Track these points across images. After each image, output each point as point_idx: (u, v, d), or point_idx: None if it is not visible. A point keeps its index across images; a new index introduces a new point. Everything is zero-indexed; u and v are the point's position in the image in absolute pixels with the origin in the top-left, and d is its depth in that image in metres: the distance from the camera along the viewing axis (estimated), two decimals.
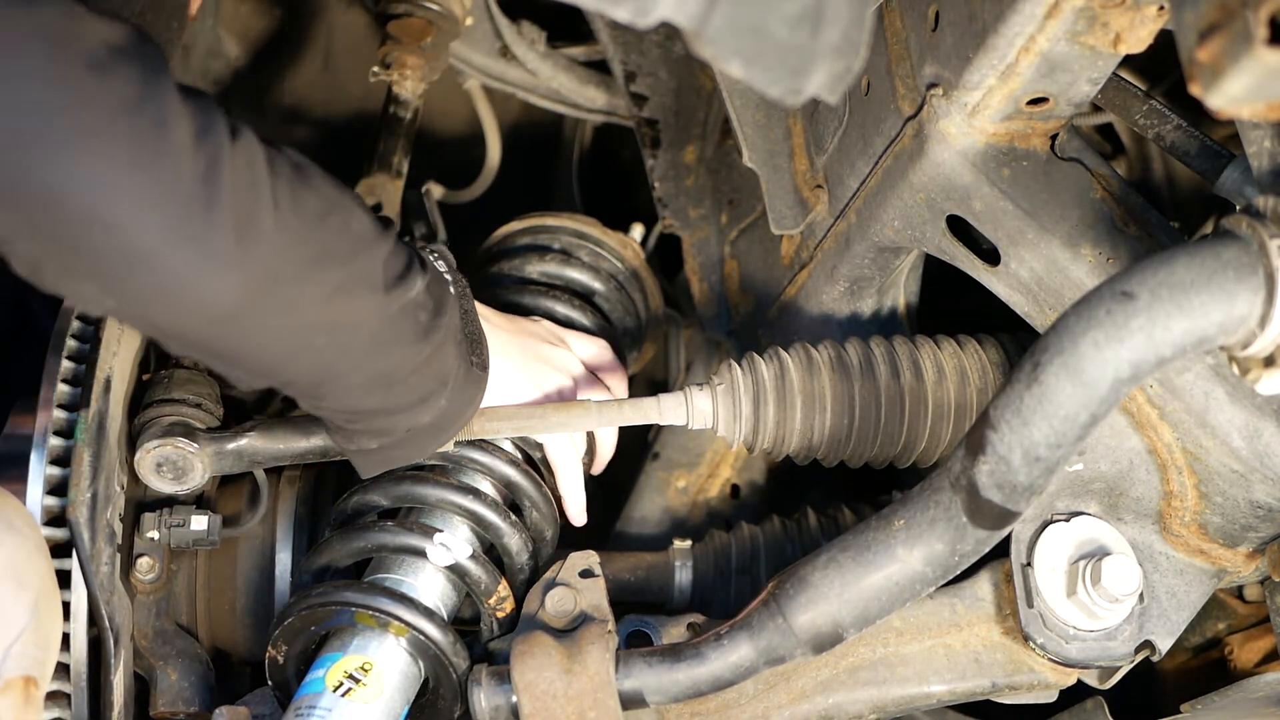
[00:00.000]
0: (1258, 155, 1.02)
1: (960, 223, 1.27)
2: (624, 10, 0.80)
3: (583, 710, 1.18)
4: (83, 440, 1.27)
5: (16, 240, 0.92)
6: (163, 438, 1.30)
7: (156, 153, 0.90)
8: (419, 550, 1.29)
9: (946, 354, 1.36)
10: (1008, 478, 1.02)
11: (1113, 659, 1.23)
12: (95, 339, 1.32)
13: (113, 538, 1.28)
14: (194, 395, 1.34)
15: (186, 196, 0.91)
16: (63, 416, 1.29)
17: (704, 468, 1.72)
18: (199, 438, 1.30)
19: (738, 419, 1.32)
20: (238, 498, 1.43)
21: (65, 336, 1.33)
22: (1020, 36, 1.09)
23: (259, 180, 0.97)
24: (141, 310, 0.99)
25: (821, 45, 0.84)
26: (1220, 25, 0.76)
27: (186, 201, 0.91)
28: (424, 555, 1.29)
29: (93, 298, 0.97)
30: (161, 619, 1.38)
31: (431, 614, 1.25)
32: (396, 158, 1.71)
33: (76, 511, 1.25)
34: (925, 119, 1.23)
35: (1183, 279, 0.92)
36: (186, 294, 0.95)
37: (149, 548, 1.35)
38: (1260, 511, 1.19)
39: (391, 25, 1.70)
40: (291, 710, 1.22)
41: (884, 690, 1.27)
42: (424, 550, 1.29)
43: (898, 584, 1.13)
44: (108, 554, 1.27)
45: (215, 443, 1.30)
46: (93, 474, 1.27)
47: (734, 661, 1.18)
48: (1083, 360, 0.94)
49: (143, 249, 0.92)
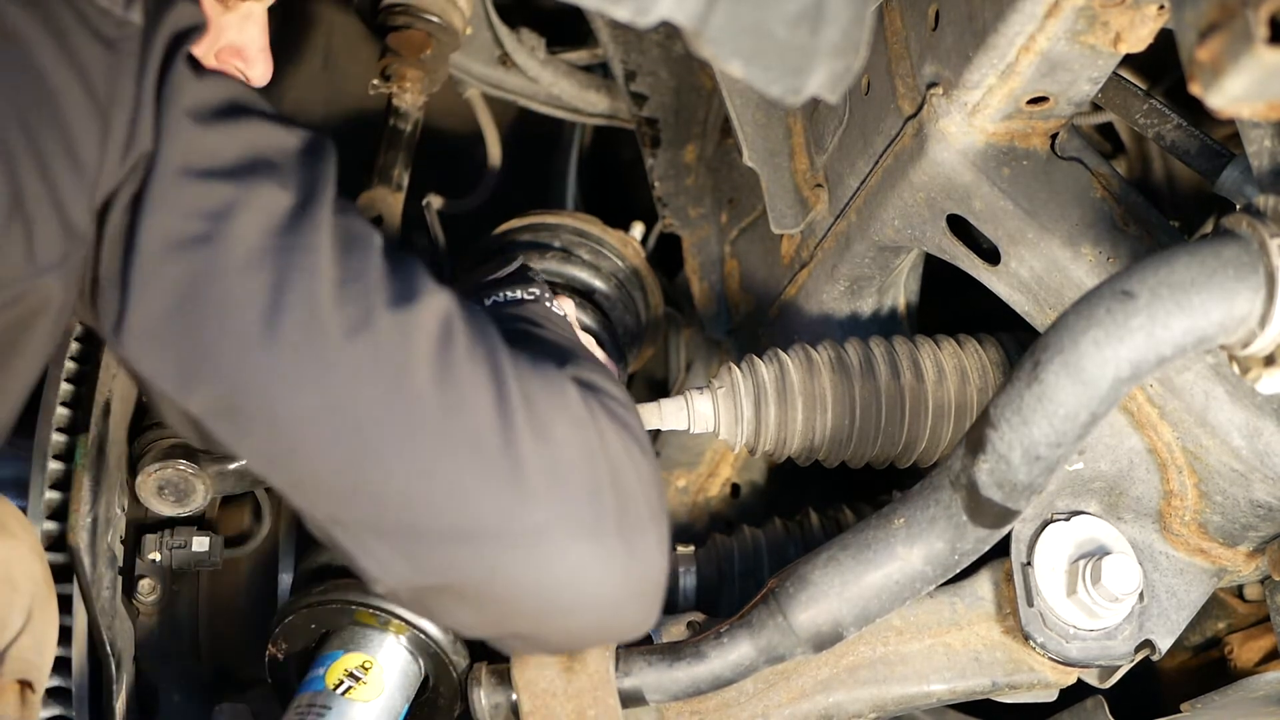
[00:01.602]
0: (1258, 154, 1.02)
1: (960, 222, 1.27)
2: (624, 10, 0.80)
3: (582, 708, 1.18)
4: (82, 464, 1.26)
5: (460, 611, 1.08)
6: (164, 460, 1.29)
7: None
8: None
9: (946, 354, 1.36)
10: (1008, 476, 1.02)
11: (1113, 658, 1.23)
12: (94, 361, 1.31)
13: (113, 561, 1.28)
14: None
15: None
16: (62, 440, 1.28)
17: (704, 467, 1.72)
18: (200, 459, 1.29)
19: (739, 422, 1.32)
20: (239, 517, 1.43)
21: (64, 359, 1.31)
22: (1020, 36, 1.09)
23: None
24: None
25: (821, 44, 0.84)
26: (1220, 25, 0.76)
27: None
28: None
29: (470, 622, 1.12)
30: (163, 640, 1.37)
31: None
32: (397, 170, 1.71)
33: (76, 537, 1.24)
34: (925, 118, 1.23)
35: (1183, 278, 0.92)
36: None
37: (150, 570, 1.35)
38: (1260, 510, 1.19)
39: (391, 38, 1.70)
40: (292, 708, 1.22)
41: (884, 689, 1.27)
42: None
43: (898, 582, 1.13)
44: (109, 578, 1.26)
45: (216, 464, 1.30)
46: (93, 498, 1.26)
47: (734, 660, 1.18)
48: (1083, 359, 0.95)
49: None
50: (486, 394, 1.01)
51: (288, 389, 0.97)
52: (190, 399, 0.98)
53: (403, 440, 0.99)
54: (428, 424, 0.98)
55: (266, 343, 0.96)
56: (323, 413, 0.98)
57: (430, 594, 1.06)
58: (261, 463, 1.02)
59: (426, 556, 1.02)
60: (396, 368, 0.98)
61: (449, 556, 1.02)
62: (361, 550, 1.03)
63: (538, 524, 1.01)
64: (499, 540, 1.01)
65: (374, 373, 0.98)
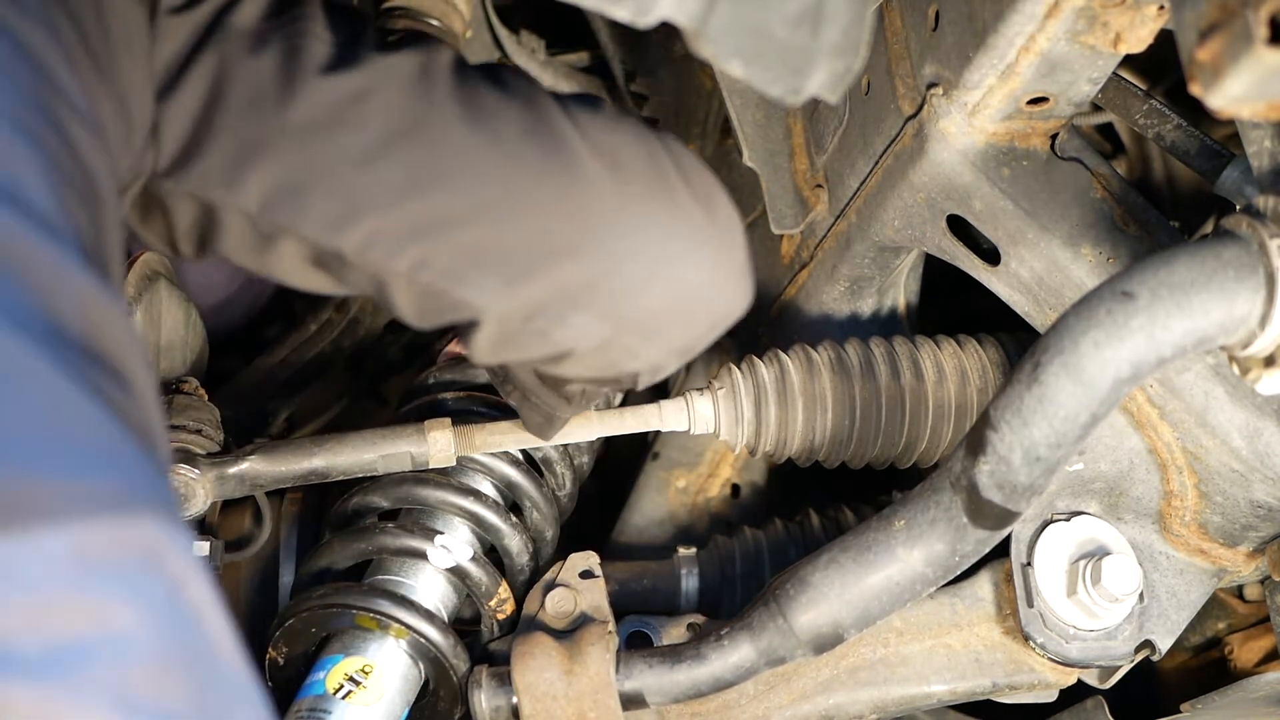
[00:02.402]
0: (1258, 155, 1.01)
1: (960, 222, 1.27)
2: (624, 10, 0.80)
3: (583, 711, 1.18)
4: None
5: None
6: None
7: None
8: (419, 552, 1.29)
9: (946, 354, 1.35)
10: (1008, 478, 1.02)
11: (1113, 658, 1.23)
12: None
13: None
14: (194, 421, 1.32)
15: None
16: None
17: (704, 467, 1.72)
18: (200, 463, 1.29)
19: (739, 422, 1.32)
20: (240, 521, 1.43)
21: None
22: (1020, 36, 1.09)
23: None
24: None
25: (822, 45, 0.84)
26: (1220, 25, 0.76)
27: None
28: (424, 557, 1.29)
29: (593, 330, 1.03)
30: None
31: (432, 616, 1.25)
32: None
33: None
34: (925, 118, 1.23)
35: (1183, 279, 0.91)
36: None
37: None
38: (1260, 511, 1.19)
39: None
40: (292, 712, 1.22)
41: (884, 690, 1.27)
42: (424, 552, 1.28)
43: (898, 584, 1.13)
44: None
45: (217, 467, 1.29)
46: None
47: (734, 662, 1.18)
48: (1083, 360, 0.94)
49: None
50: (519, 107, 1.01)
51: (331, 142, 0.97)
52: (244, 192, 0.98)
53: (468, 163, 0.98)
54: (487, 146, 0.98)
55: (287, 103, 0.97)
56: (373, 148, 0.97)
57: (538, 310, 1.01)
58: (328, 233, 0.99)
59: (528, 270, 0.99)
60: (423, 89, 0.99)
61: (554, 261, 0.99)
62: (459, 281, 0.99)
63: (617, 207, 0.99)
64: (592, 234, 0.99)
65: (403, 89, 0.99)
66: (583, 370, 1.07)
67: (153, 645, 0.63)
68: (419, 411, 1.35)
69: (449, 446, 1.26)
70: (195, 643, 0.66)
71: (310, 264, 1.03)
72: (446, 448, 1.26)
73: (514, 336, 1.02)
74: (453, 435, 1.26)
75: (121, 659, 0.62)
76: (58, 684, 0.59)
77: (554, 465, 1.39)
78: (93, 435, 0.67)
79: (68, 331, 0.71)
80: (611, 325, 1.01)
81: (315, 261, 1.02)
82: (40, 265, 0.72)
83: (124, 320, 0.78)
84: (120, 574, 0.63)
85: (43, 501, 0.62)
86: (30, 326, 0.68)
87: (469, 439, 1.27)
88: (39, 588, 0.60)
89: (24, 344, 0.67)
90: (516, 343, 1.03)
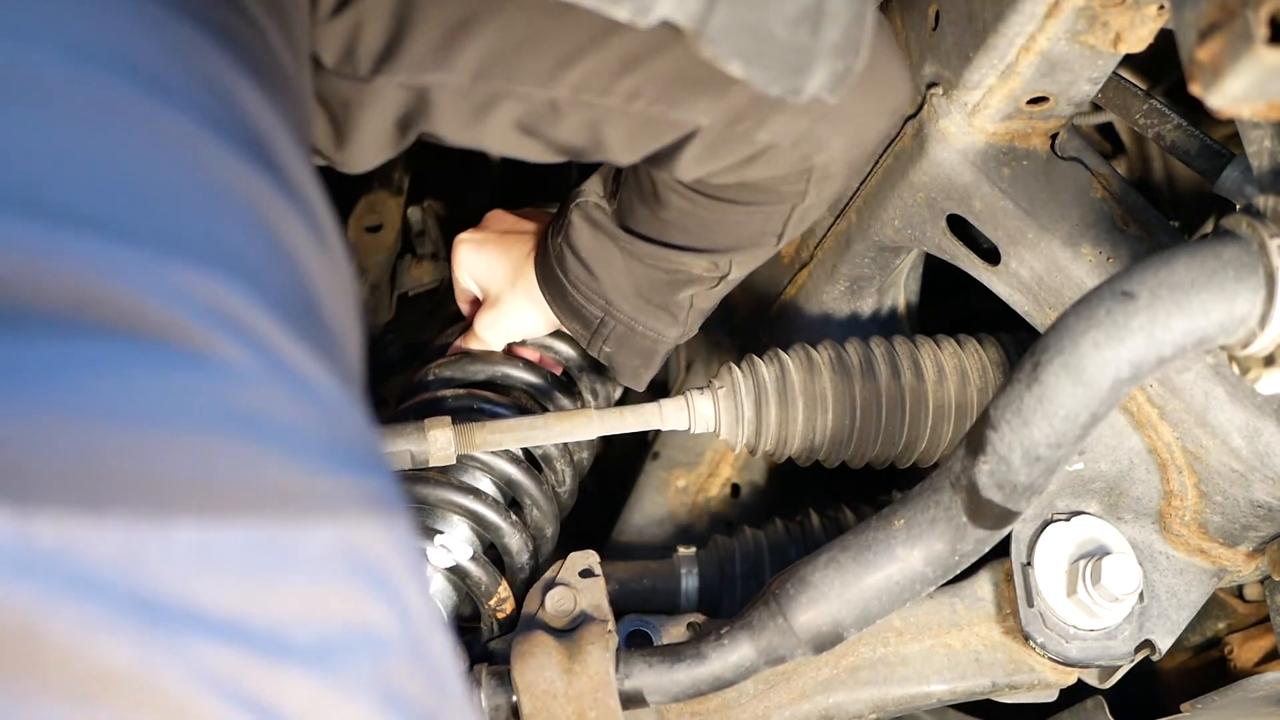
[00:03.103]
0: (1258, 155, 1.01)
1: (960, 222, 1.27)
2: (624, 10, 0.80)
3: (583, 710, 1.18)
4: None
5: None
6: None
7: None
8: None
9: (946, 354, 1.35)
10: (1008, 477, 1.02)
11: (1113, 658, 1.23)
12: None
13: None
14: None
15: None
16: None
17: (704, 467, 1.72)
18: None
19: (740, 422, 1.32)
20: None
21: None
22: (1020, 36, 1.09)
23: None
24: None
25: (822, 44, 0.83)
26: (1220, 24, 0.76)
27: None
28: (424, 557, 1.29)
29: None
30: None
31: None
32: (397, 174, 1.71)
33: None
34: (925, 118, 1.23)
35: (1183, 279, 0.91)
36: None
37: None
38: (1260, 511, 1.19)
39: None
40: None
41: (884, 690, 1.27)
42: (424, 552, 1.28)
43: (898, 584, 1.13)
44: None
45: None
46: None
47: (734, 661, 1.18)
48: (1083, 360, 0.94)
49: None
50: None
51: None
52: (457, 68, 0.98)
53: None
54: None
55: None
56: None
57: (743, 114, 1.02)
58: (543, 86, 0.99)
59: (731, 79, 0.97)
60: None
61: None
62: (672, 105, 1.00)
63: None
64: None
65: None
66: (773, 169, 1.09)
67: (404, 644, 0.63)
68: (418, 409, 1.35)
69: (449, 445, 1.26)
70: (432, 648, 0.67)
71: (519, 130, 1.04)
72: (446, 446, 1.26)
73: (719, 144, 1.05)
74: (453, 434, 1.26)
75: (382, 655, 0.62)
76: (329, 676, 0.60)
77: (554, 462, 1.39)
78: (361, 435, 0.68)
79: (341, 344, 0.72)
80: (807, 119, 1.04)
81: (524, 126, 1.04)
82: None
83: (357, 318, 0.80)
84: (377, 572, 0.63)
85: (319, 495, 0.62)
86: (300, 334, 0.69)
87: (469, 437, 1.27)
88: (315, 577, 0.60)
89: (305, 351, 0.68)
90: (720, 151, 1.06)
